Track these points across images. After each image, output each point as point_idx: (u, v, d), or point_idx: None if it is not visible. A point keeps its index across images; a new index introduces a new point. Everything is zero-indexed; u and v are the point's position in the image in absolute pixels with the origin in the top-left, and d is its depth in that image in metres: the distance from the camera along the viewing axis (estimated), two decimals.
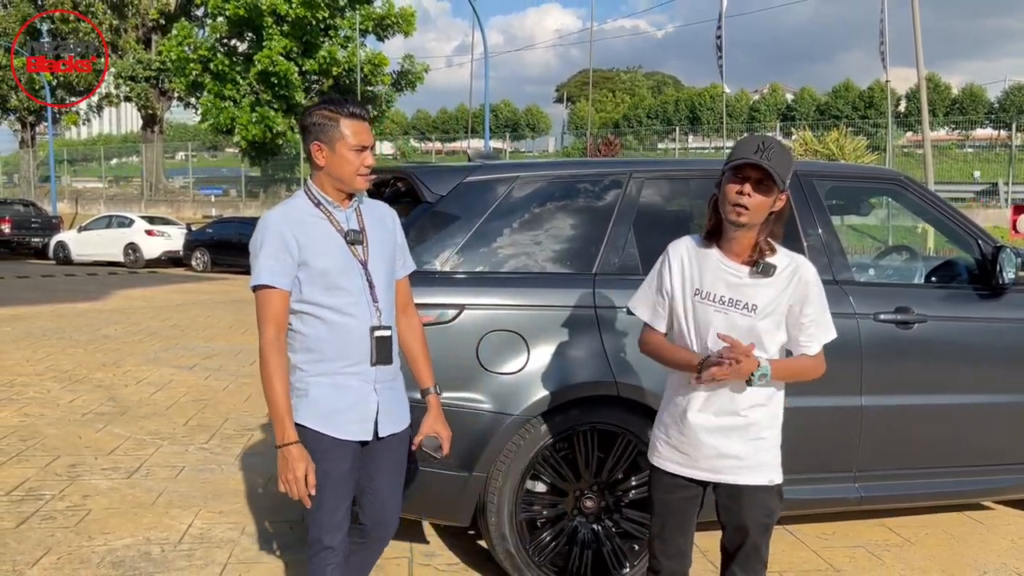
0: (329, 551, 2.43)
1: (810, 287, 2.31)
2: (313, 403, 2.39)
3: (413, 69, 34.82)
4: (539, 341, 3.23)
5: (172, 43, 32.10)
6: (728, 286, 2.30)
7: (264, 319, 2.35)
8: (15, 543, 3.79)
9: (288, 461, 2.31)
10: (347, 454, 2.42)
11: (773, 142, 2.22)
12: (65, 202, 36.07)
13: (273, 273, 2.34)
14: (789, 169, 2.22)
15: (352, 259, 2.42)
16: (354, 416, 2.42)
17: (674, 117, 49.59)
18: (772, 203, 2.24)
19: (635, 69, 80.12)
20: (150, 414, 6.24)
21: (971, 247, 3.90)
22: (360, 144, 2.38)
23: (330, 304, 2.38)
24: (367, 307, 2.42)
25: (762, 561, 2.39)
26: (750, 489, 2.34)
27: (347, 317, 2.39)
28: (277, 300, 2.36)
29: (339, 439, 2.39)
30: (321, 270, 2.36)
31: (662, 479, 2.45)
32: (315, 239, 2.38)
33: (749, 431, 2.32)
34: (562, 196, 3.48)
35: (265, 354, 2.34)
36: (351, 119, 2.38)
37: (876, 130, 35.28)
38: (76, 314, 12.07)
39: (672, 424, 2.41)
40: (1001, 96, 44.92)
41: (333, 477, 2.39)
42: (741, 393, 2.30)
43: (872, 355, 3.53)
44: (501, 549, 3.25)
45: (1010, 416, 3.82)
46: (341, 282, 2.38)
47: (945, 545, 3.99)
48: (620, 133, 43.58)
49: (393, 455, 2.55)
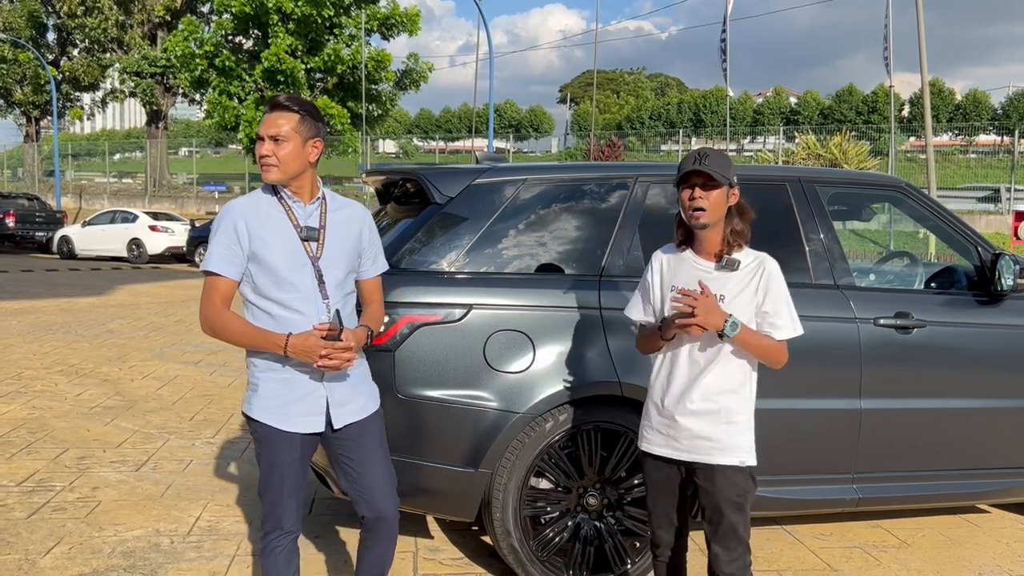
0: (279, 534, 2.55)
1: (772, 279, 2.54)
2: (262, 398, 2.50)
3: (417, 68, 34.87)
4: (545, 341, 3.30)
5: (178, 38, 32.16)
6: (699, 280, 2.53)
7: (209, 297, 2.47)
8: (27, 533, 3.86)
9: (304, 351, 2.39)
10: (296, 445, 2.51)
11: (709, 151, 2.52)
12: (69, 197, 36.17)
13: (222, 261, 2.44)
14: (728, 167, 2.49)
15: (303, 255, 2.48)
16: (302, 409, 2.50)
17: (677, 119, 49.66)
18: (726, 198, 2.50)
19: (639, 71, 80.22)
20: (157, 408, 6.31)
21: (970, 254, 3.96)
22: (262, 134, 2.46)
23: (278, 299, 2.46)
24: (315, 304, 2.48)
25: (741, 541, 2.56)
26: (723, 469, 2.53)
27: (293, 313, 2.45)
28: (223, 287, 2.47)
29: (287, 431, 2.49)
30: (269, 263, 2.44)
31: (648, 461, 2.70)
32: (268, 232, 2.46)
33: (721, 415, 2.53)
34: (569, 199, 3.55)
35: (212, 316, 2.46)
36: (270, 109, 2.48)
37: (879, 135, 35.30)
38: (81, 309, 12.15)
39: (654, 411, 2.64)
40: (1005, 102, 44.96)
41: (281, 467, 2.51)
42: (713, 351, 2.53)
43: (872, 359, 3.60)
44: (505, 544, 3.31)
45: (1007, 421, 3.88)
46: (290, 277, 2.46)
47: (941, 547, 4.05)
48: (623, 135, 43.63)
49: (368, 442, 2.61)
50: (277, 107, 2.47)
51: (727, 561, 2.56)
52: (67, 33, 39.84)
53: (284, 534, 2.56)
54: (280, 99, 2.49)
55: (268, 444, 2.51)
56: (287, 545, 2.57)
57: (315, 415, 2.52)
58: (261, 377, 2.51)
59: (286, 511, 2.55)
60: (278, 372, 2.49)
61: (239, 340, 2.48)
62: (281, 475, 2.52)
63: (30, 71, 39.64)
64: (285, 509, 2.55)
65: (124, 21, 36.78)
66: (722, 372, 2.53)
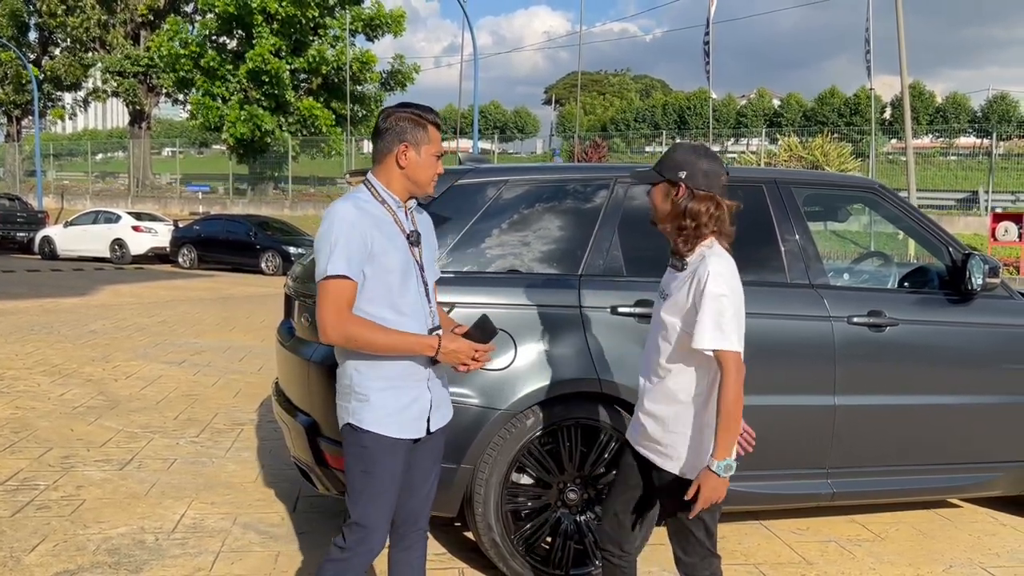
0: (368, 555, 2.49)
1: (701, 282, 2.36)
2: (375, 408, 2.43)
3: (403, 69, 34.89)
4: (526, 339, 3.36)
5: (162, 38, 32.02)
6: (665, 277, 2.60)
7: (336, 303, 2.34)
8: (11, 531, 3.88)
9: (455, 352, 2.41)
10: (404, 453, 2.48)
11: (678, 145, 2.51)
12: (51, 197, 35.88)
13: (350, 264, 2.34)
14: (674, 163, 2.43)
15: (412, 260, 2.48)
16: (412, 415, 2.48)
17: (662, 121, 49.85)
18: (666, 195, 2.46)
19: (623, 72, 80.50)
20: (140, 408, 6.32)
21: (942, 254, 4.05)
22: (441, 151, 2.50)
23: (394, 305, 2.42)
24: (424, 308, 2.49)
25: (697, 539, 2.48)
26: (666, 474, 2.52)
27: (406, 318, 2.43)
28: (350, 292, 2.36)
29: (399, 439, 2.45)
30: (388, 268, 2.39)
31: (625, 447, 2.73)
32: (386, 236, 2.41)
33: (668, 423, 2.50)
34: (549, 199, 3.61)
35: (345, 323, 2.34)
36: (436, 128, 2.49)
37: (861, 137, 35.60)
38: (63, 309, 12.10)
39: (637, 404, 2.67)
40: (984, 105, 45.45)
41: (387, 479, 2.45)
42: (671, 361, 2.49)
43: (845, 356, 3.68)
44: (487, 539, 3.37)
45: (978, 417, 3.97)
46: (404, 282, 2.44)
47: (914, 540, 4.14)
48: (608, 136, 43.78)
49: (434, 450, 2.63)
50: (443, 127, 2.54)
51: (691, 563, 2.51)
52: (49, 32, 39.55)
53: (372, 553, 2.49)
54: (440, 119, 2.52)
55: (381, 455, 2.43)
56: (370, 564, 2.53)
57: (421, 420, 2.50)
58: (372, 387, 2.43)
59: (385, 529, 2.50)
60: (391, 381, 2.44)
61: (384, 345, 2.37)
62: (389, 487, 2.46)
63: (11, 70, 39.32)
64: (385, 527, 2.50)
65: (106, 20, 36.57)
66: (675, 381, 2.47)
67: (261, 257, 20.60)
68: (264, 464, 5.06)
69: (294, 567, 3.61)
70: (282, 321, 4.20)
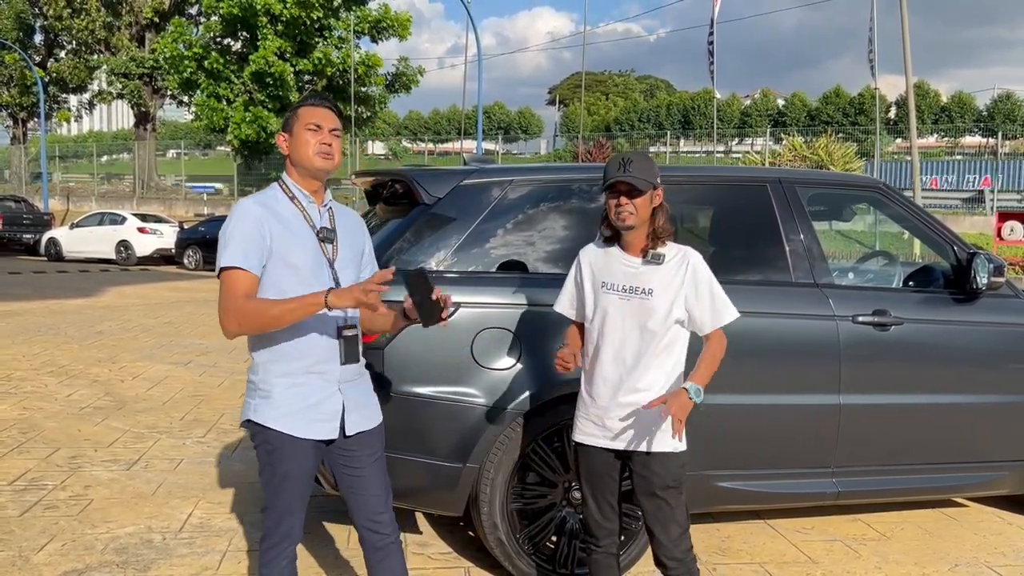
0: (287, 544, 2.50)
1: (697, 271, 2.64)
2: (276, 404, 2.40)
3: (408, 71, 34.89)
4: (531, 339, 3.37)
5: (167, 40, 32.07)
6: (627, 276, 2.67)
7: (230, 292, 2.30)
8: (20, 530, 3.90)
9: (345, 294, 2.25)
10: (309, 454, 2.44)
11: (633, 156, 2.63)
12: (56, 199, 36.01)
13: (246, 256, 2.32)
14: (652, 171, 2.60)
15: (321, 256, 2.45)
16: (319, 415, 2.43)
17: (666, 121, 49.87)
18: (651, 200, 2.61)
19: (628, 73, 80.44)
20: (147, 409, 6.34)
21: (947, 253, 4.06)
22: (314, 122, 2.43)
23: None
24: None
25: (679, 524, 2.66)
26: (657, 456, 2.63)
27: (311, 317, 2.36)
28: (247, 283, 2.32)
29: (302, 438, 2.41)
30: (291, 264, 2.37)
31: (584, 451, 2.77)
32: (289, 231, 2.39)
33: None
34: (554, 199, 3.62)
35: (237, 308, 2.29)
36: (308, 106, 2.47)
37: (866, 136, 35.60)
38: (70, 311, 12.14)
39: (588, 402, 2.74)
40: (989, 104, 45.35)
41: (292, 478, 2.43)
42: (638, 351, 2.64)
43: (850, 355, 3.68)
44: (492, 538, 3.38)
45: (983, 416, 3.97)
46: (309, 279, 2.38)
47: (919, 539, 4.14)
48: (612, 136, 43.78)
49: (371, 453, 2.58)
50: (324, 103, 2.47)
51: (671, 547, 2.65)
52: (54, 35, 39.66)
53: (291, 543, 2.50)
54: (325, 97, 2.50)
55: (281, 453, 2.40)
56: (292, 555, 2.53)
57: (332, 421, 2.45)
58: (276, 383, 2.41)
59: (297, 521, 2.49)
60: (295, 377, 2.41)
61: (278, 317, 2.29)
62: (294, 485, 2.43)
63: (16, 73, 39.46)
64: (297, 519, 2.49)
65: (111, 23, 36.65)
66: (650, 366, 2.63)
67: None
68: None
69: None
70: None
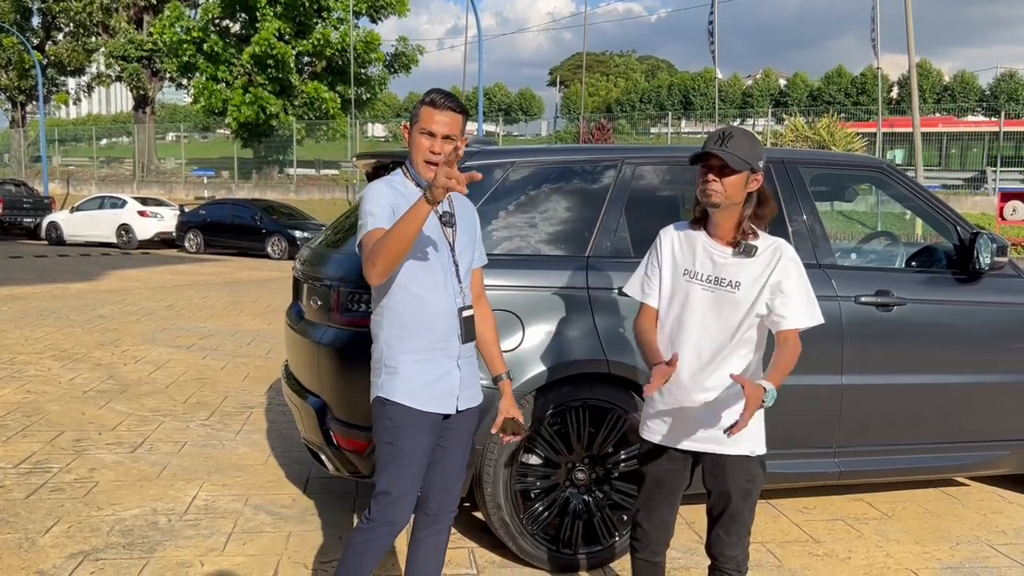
0: (391, 526, 2.49)
1: (791, 264, 2.44)
2: (403, 380, 2.47)
3: (407, 51, 34.72)
4: (534, 320, 3.37)
5: (164, 23, 31.89)
6: (714, 266, 2.47)
7: (365, 254, 2.32)
8: (26, 513, 3.93)
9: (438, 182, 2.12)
10: (430, 428, 2.50)
11: (735, 131, 2.40)
12: (56, 182, 35.93)
13: (384, 221, 2.35)
14: (752, 151, 2.36)
15: (443, 239, 2.51)
16: (440, 390, 2.50)
17: (667, 102, 49.63)
18: (746, 183, 2.39)
19: (629, 53, 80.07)
20: (150, 392, 6.36)
21: (949, 233, 4.05)
22: (427, 128, 2.44)
23: (421, 281, 2.45)
24: (453, 288, 2.51)
25: (744, 525, 2.53)
26: (733, 458, 2.49)
27: (436, 296, 2.47)
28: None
29: (426, 412, 2.47)
30: (417, 244, 2.38)
31: (652, 451, 2.60)
32: None
33: (735, 404, 2.43)
34: (556, 181, 3.61)
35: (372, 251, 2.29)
36: (429, 105, 2.46)
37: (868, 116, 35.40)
38: (71, 294, 12.15)
39: (659, 400, 2.55)
40: (992, 83, 45.12)
41: (413, 452, 2.47)
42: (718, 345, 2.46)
43: (853, 336, 3.69)
44: (496, 518, 3.40)
45: (984, 395, 3.98)
46: (432, 260, 2.46)
47: (921, 519, 4.16)
48: (613, 117, 43.60)
49: (465, 431, 2.64)
50: (446, 105, 2.44)
51: (729, 544, 2.53)
52: (52, 17, 39.41)
53: (396, 528, 2.49)
54: (450, 96, 2.46)
55: (406, 428, 2.45)
56: (393, 539, 2.53)
57: (450, 396, 2.52)
58: (401, 359, 2.47)
59: (408, 506, 2.50)
60: (420, 354, 2.48)
61: (404, 239, 2.22)
62: (413, 460, 2.46)
63: (15, 56, 39.27)
64: (408, 504, 2.50)
65: (109, 5, 36.43)
66: (727, 364, 2.45)
67: (267, 241, 20.65)
68: (274, 446, 5.10)
69: (305, 547, 3.64)
70: (291, 304, 4.22)
